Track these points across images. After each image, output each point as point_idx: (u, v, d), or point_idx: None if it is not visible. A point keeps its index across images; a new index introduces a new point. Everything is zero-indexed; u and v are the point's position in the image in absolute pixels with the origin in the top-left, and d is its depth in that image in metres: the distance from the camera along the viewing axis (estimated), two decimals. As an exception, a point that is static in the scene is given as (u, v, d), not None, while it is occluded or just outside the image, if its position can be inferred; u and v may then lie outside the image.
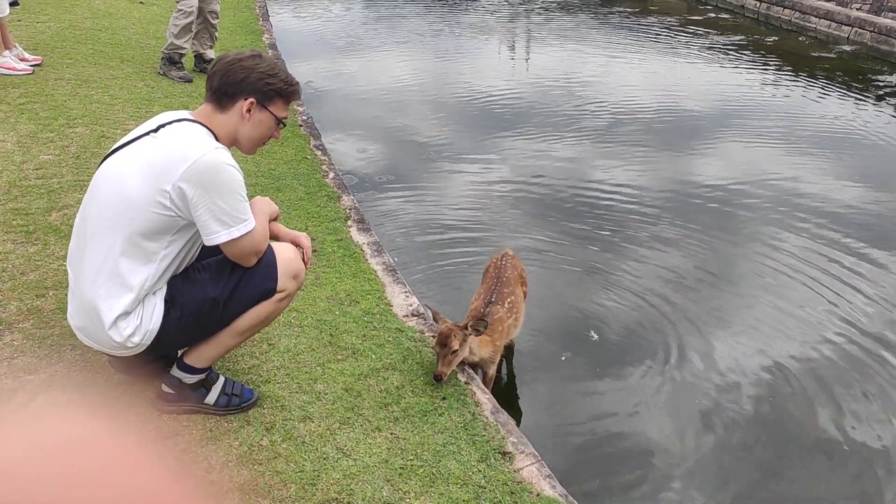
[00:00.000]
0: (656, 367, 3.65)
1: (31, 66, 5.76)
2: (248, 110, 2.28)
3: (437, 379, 2.76)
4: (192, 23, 6.24)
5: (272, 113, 2.32)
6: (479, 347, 2.95)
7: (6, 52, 5.63)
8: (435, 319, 2.93)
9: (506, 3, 14.07)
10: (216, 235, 2.15)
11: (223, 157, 2.15)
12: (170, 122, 2.22)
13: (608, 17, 13.14)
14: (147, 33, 7.81)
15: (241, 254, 2.25)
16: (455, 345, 2.76)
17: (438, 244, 4.73)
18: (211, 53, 6.71)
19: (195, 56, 6.75)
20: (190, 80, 6.31)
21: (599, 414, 3.32)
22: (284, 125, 2.42)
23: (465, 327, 2.82)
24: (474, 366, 3.05)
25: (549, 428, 3.22)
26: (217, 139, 2.23)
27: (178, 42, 6.27)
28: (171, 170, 2.09)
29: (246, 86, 2.26)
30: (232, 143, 2.32)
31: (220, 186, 2.12)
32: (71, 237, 2.34)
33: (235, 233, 2.16)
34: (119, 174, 2.17)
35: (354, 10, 12.79)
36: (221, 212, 2.13)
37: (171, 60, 6.36)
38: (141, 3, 9.25)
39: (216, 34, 6.77)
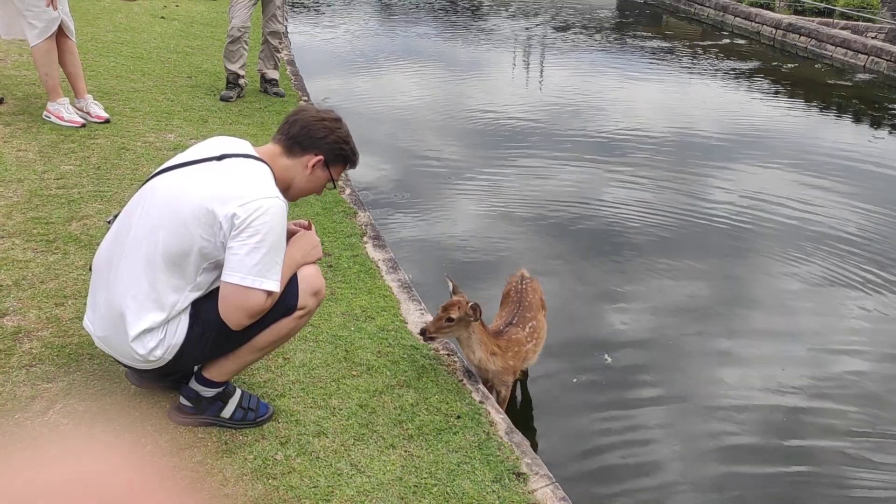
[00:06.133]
0: (670, 391, 3.63)
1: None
2: (314, 165, 2.33)
3: (421, 333, 2.90)
4: (238, 47, 6.27)
5: (331, 174, 2.39)
6: (488, 357, 2.93)
7: (61, 100, 5.03)
8: (454, 293, 2.97)
9: (522, 19, 14.18)
10: (231, 275, 2.12)
11: (281, 210, 2.16)
12: (235, 155, 2.24)
13: (623, 40, 13.21)
14: (168, 47, 7.90)
15: (236, 306, 2.15)
16: (453, 314, 2.84)
17: (453, 262, 4.74)
18: (271, 73, 6.74)
19: (260, 75, 6.81)
20: (227, 100, 6.34)
21: (613, 437, 3.30)
22: (335, 187, 2.49)
23: (475, 309, 2.85)
24: (487, 383, 3.04)
25: (563, 450, 3.20)
26: (276, 180, 2.26)
27: (226, 65, 6.39)
28: (231, 201, 2.10)
29: (322, 144, 2.33)
30: (285, 187, 2.34)
31: (266, 236, 2.11)
32: (102, 242, 2.35)
33: (249, 282, 2.12)
34: (176, 194, 2.17)
35: (371, 28, 12.91)
36: (250, 256, 2.11)
37: (227, 81, 6.48)
38: (162, 17, 9.38)
39: (278, 55, 6.79)
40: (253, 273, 2.11)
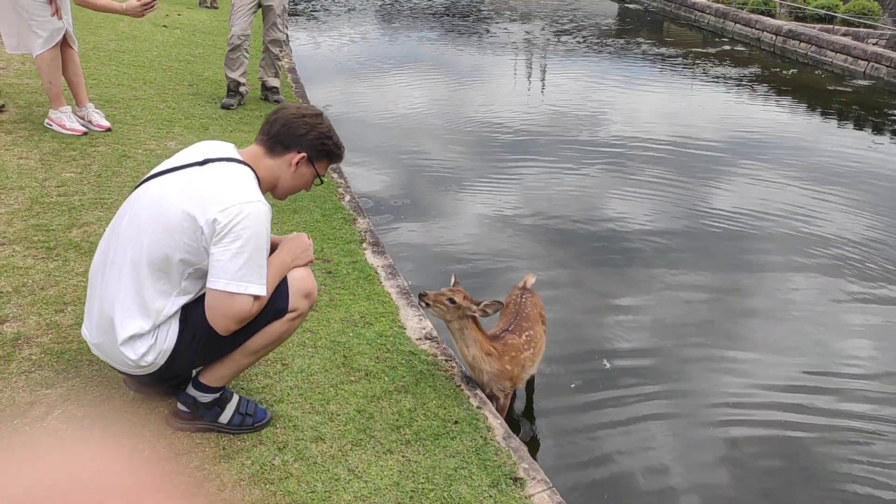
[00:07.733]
0: (669, 397, 3.62)
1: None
2: (297, 163, 2.34)
3: (420, 295, 2.92)
4: (239, 55, 6.33)
5: (316, 170, 2.39)
6: (482, 356, 2.92)
7: (63, 108, 5.02)
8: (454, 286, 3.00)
9: (523, 26, 14.22)
10: (215, 281, 2.13)
11: (263, 214, 2.16)
12: (218, 159, 2.25)
13: (624, 47, 13.24)
14: (169, 56, 7.95)
15: (222, 313, 2.16)
16: (456, 297, 2.87)
17: (453, 268, 4.74)
18: (272, 81, 6.80)
19: (261, 83, 6.86)
20: (228, 108, 6.39)
21: (611, 442, 3.30)
22: (321, 183, 2.48)
23: (479, 304, 2.89)
24: (485, 389, 3.04)
25: (560, 455, 3.20)
26: (259, 182, 2.27)
27: (227, 73, 6.45)
28: (212, 206, 2.11)
29: (303, 141, 2.33)
30: (270, 187, 2.37)
31: (248, 240, 2.12)
32: (97, 250, 2.37)
33: (233, 287, 2.12)
34: (159, 199, 2.19)
35: (371, 34, 12.96)
36: (233, 261, 2.11)
37: (228, 89, 6.54)
38: (164, 26, 9.43)
39: (278, 63, 6.84)
40: (237, 278, 2.11)
